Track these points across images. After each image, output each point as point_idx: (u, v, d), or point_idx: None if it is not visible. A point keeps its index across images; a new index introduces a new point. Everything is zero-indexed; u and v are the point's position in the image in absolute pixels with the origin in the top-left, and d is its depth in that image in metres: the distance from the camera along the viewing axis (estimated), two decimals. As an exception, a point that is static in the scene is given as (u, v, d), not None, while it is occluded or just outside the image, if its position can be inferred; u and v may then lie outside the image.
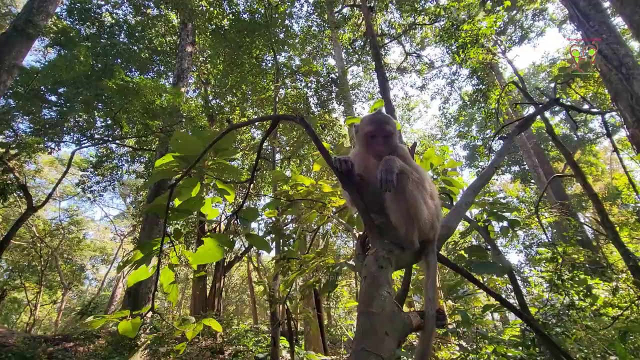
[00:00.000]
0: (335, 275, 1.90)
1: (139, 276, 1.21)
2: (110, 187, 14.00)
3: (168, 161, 1.15)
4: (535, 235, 14.36)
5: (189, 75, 13.35)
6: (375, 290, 0.71)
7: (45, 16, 10.31)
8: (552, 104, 2.57)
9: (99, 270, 27.70)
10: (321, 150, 0.92)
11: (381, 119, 1.16)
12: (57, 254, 19.57)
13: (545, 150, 18.12)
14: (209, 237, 1.20)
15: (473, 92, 8.97)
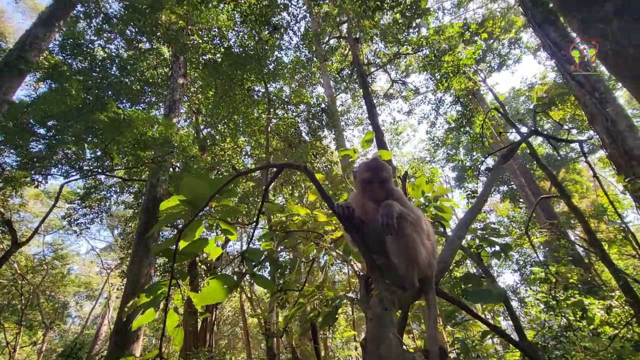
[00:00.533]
0: (335, 309, 1.91)
1: (143, 320, 1.21)
2: (98, 219, 13.72)
3: (174, 204, 1.19)
4: (528, 255, 14.47)
5: (181, 105, 13.55)
6: (382, 332, 0.75)
7: (38, 52, 10.47)
8: (531, 134, 2.73)
9: (83, 307, 26.49)
10: (324, 197, 0.98)
11: (377, 166, 1.22)
12: (39, 291, 18.74)
13: (531, 170, 18.62)
14: (214, 278, 1.23)
15: (457, 117, 9.35)
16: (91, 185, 13.16)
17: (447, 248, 1.33)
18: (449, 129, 16.88)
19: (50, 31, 10.43)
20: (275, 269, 3.38)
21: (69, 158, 11.55)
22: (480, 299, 1.67)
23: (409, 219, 1.07)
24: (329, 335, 14.86)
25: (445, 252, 1.30)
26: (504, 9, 17.02)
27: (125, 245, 14.69)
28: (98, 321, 24.01)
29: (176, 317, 1.26)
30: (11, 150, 11.08)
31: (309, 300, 2.22)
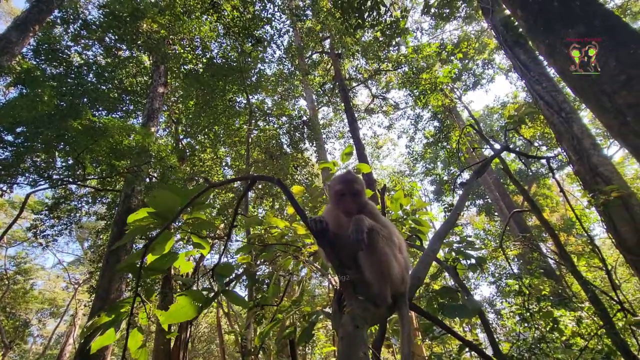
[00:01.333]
0: (311, 325, 1.86)
1: (104, 342, 1.13)
2: (67, 230, 13.02)
3: (142, 217, 1.14)
4: (503, 267, 14.84)
5: (160, 115, 13.27)
6: (352, 351, 0.73)
7: (10, 57, 10.05)
8: (502, 150, 2.83)
9: (47, 325, 24.85)
10: (297, 209, 0.97)
11: (350, 179, 1.22)
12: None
13: (505, 184, 19.32)
14: (182, 295, 1.17)
15: (435, 132, 9.63)
16: (61, 195, 12.55)
17: (421, 263, 1.33)
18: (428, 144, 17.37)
19: (24, 36, 10.06)
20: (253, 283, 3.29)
21: (37, 166, 10.99)
22: (456, 314, 1.67)
23: (381, 234, 1.07)
24: (308, 351, 14.54)
25: (419, 267, 1.30)
26: (478, 32, 17.91)
27: (96, 259, 13.95)
28: (62, 340, 22.55)
29: (140, 337, 1.19)
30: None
31: (286, 316, 2.17)
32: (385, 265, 1.01)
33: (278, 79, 13.98)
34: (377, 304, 0.99)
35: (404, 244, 1.21)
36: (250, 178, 1.02)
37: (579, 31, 4.49)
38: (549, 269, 10.86)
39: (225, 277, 1.22)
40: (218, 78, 8.72)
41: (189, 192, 1.09)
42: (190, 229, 1.23)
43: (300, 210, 0.99)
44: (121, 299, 1.14)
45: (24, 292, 19.77)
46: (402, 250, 1.16)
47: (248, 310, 4.17)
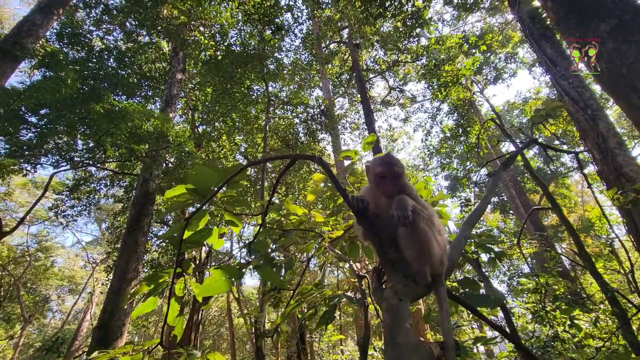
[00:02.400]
0: (333, 308, 1.90)
1: (145, 308, 1.19)
2: (86, 211, 13.44)
3: (180, 192, 1.17)
4: (516, 266, 14.64)
5: (178, 101, 13.43)
6: (399, 323, 0.75)
7: (35, 39, 10.31)
8: (531, 143, 2.78)
9: (65, 302, 25.88)
10: (339, 189, 0.98)
11: (390, 161, 1.23)
12: (20, 283, 18.26)
13: (522, 183, 18.92)
14: (217, 269, 1.21)
15: (454, 126, 9.47)
16: (81, 177, 12.93)
17: (454, 247, 1.34)
18: (444, 138, 17.08)
19: (48, 19, 10.28)
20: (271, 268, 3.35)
21: (60, 148, 11.34)
22: (479, 303, 1.68)
23: (422, 215, 1.08)
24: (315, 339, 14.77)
25: (452, 251, 1.31)
26: (501, 24, 17.35)
27: (113, 240, 14.41)
28: (80, 316, 23.50)
29: (177, 307, 1.24)
30: (0, 138, 10.85)
31: (306, 299, 2.21)
32: (425, 245, 1.02)
33: (295, 68, 13.92)
34: (416, 282, 1.01)
35: (443, 227, 1.22)
36: (291, 157, 1.04)
37: (610, 25, 4.32)
38: (564, 270, 10.67)
39: (260, 253, 1.26)
40: (237, 65, 8.75)
41: (227, 170, 1.12)
42: (224, 206, 1.27)
43: (340, 187, 1.01)
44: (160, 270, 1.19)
45: (45, 268, 20.59)
46: (441, 232, 1.17)
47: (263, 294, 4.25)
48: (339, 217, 3.11)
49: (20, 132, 10.92)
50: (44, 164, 11.44)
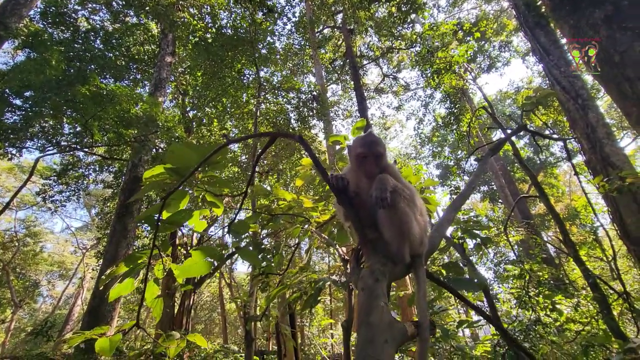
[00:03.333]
0: (317, 291, 1.90)
1: (122, 290, 1.17)
2: (75, 197, 13.22)
3: (158, 172, 1.14)
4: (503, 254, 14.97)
5: (167, 85, 13.13)
6: (373, 302, 0.75)
7: (18, 18, 9.91)
8: (520, 129, 2.78)
9: (56, 287, 25.75)
10: (318, 167, 0.96)
11: (372, 141, 1.21)
12: (9, 268, 18.07)
13: (511, 172, 19.16)
14: (197, 250, 1.19)
15: (446, 115, 9.46)
16: (69, 162, 12.67)
17: (436, 230, 1.34)
18: (436, 127, 17.11)
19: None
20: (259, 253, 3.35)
21: (45, 132, 11.05)
22: (462, 286, 1.70)
23: (404, 194, 1.07)
24: (306, 323, 15.03)
25: (433, 234, 1.30)
26: (497, 12, 17.21)
27: (103, 225, 14.27)
28: (71, 301, 23.43)
29: (156, 288, 1.22)
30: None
31: (292, 281, 2.22)
32: (405, 225, 1.01)
33: (288, 53, 13.67)
34: (395, 262, 1.00)
35: (424, 208, 1.21)
36: (271, 135, 1.01)
37: (606, 11, 4.29)
38: (548, 257, 10.94)
39: (240, 234, 1.24)
40: (227, 49, 8.54)
41: (206, 149, 1.09)
42: (205, 187, 1.24)
43: (320, 166, 0.99)
44: (138, 250, 1.17)
45: (34, 254, 20.37)
46: (422, 213, 1.16)
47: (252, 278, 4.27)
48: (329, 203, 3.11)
49: (4, 115, 10.59)
50: (29, 148, 11.17)
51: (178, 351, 1.39)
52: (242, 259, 1.23)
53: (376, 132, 23.44)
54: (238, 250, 1.26)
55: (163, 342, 1.40)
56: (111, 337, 1.12)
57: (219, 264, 11.86)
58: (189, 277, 1.22)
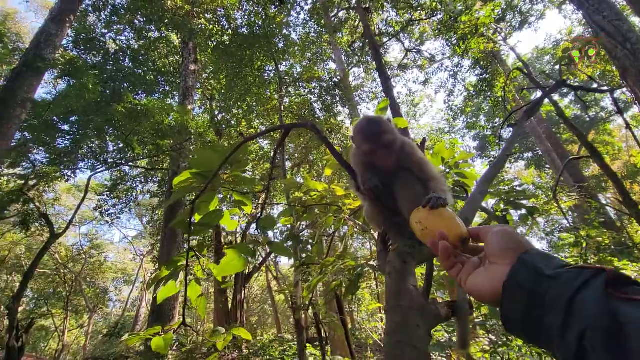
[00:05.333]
0: (357, 277, 1.90)
1: (167, 292, 1.25)
2: (127, 208, 14.29)
3: (186, 178, 1.19)
4: (556, 222, 14.02)
5: (194, 92, 13.62)
6: (402, 285, 0.72)
7: (53, 49, 10.68)
8: (559, 86, 2.54)
9: (122, 292, 28.17)
10: (338, 159, 0.94)
11: (374, 132, 1.05)
12: (81, 278, 20.05)
13: (558, 134, 17.74)
14: (230, 249, 1.23)
15: (477, 82, 8.87)
16: (117, 177, 13.65)
17: (469, 203, 1.26)
18: (469, 96, 16.20)
19: (62, 27, 10.57)
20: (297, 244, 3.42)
21: (93, 152, 11.99)
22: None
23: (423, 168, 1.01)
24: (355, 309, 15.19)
25: (466, 208, 1.23)
26: (524, -39, 15.72)
27: (155, 232, 15.34)
28: (137, 304, 25.55)
29: (198, 288, 1.29)
30: (40, 148, 11.61)
31: (331, 271, 2.24)
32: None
33: (305, 43, 13.56)
34: (421, 243, 0.95)
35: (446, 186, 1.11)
36: (284, 127, 1.00)
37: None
38: (608, 221, 10.06)
39: (268, 229, 1.26)
40: (245, 48, 8.65)
41: (226, 150, 1.11)
42: (232, 187, 1.27)
43: (339, 156, 0.97)
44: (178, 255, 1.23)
45: (100, 264, 22.39)
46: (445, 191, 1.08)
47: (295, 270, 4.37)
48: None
49: (56, 141, 11.63)
50: (81, 168, 12.17)
51: (225, 345, 1.47)
52: (274, 253, 1.25)
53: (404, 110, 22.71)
54: (270, 245, 1.29)
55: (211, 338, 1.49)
56: (164, 336, 1.21)
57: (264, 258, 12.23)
58: (227, 275, 1.27)
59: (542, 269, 0.49)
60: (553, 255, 0.54)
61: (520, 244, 0.56)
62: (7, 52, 15.06)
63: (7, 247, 18.64)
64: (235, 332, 1.52)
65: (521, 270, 0.51)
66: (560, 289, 0.46)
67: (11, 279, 20.56)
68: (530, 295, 0.48)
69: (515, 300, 0.50)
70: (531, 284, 0.49)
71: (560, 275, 0.47)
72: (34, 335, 22.25)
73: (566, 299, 0.44)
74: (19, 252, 19.51)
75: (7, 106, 9.26)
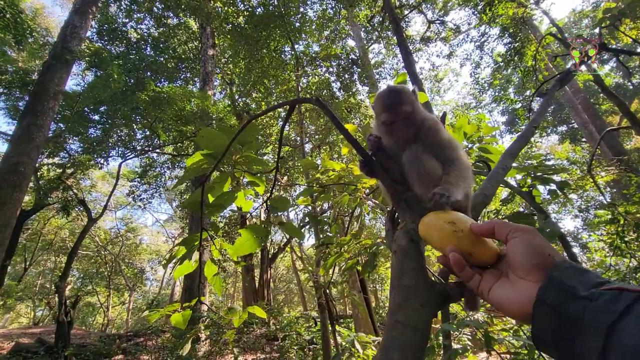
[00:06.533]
0: (373, 256, 1.89)
1: (183, 270, 1.29)
2: (157, 193, 14.95)
3: (198, 160, 1.20)
4: (592, 198, 13.28)
5: (214, 77, 13.73)
6: (406, 263, 0.69)
7: (79, 41, 11.00)
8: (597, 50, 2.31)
9: (157, 272, 29.91)
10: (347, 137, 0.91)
11: (395, 102, 1.00)
12: (120, 259, 21.44)
13: (596, 104, 16.50)
14: (245, 229, 1.25)
15: (506, 52, 8.30)
16: (146, 164, 14.19)
17: (489, 180, 1.18)
18: (497, 68, 15.30)
19: (85, 19, 10.82)
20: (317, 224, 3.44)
21: (123, 140, 12.51)
22: (531, 238, 1.53)
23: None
24: (379, 288, 15.35)
25: (486, 184, 1.16)
26: None
27: (184, 216, 16.01)
28: (172, 282, 27.08)
29: (214, 267, 1.32)
30: (74, 137, 12.24)
31: (348, 250, 2.24)
32: (435, 178, 0.90)
33: (322, 21, 13.18)
34: None
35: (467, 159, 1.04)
36: (290, 103, 0.97)
37: None
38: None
39: (279, 210, 1.26)
40: (261, 29, 8.52)
41: (235, 130, 1.10)
42: (243, 167, 1.27)
43: (347, 132, 0.93)
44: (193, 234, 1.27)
45: (135, 246, 23.79)
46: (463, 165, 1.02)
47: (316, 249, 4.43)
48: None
49: (89, 131, 12.20)
50: (113, 156, 12.76)
51: (241, 322, 1.52)
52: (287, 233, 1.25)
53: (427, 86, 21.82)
54: (281, 225, 1.30)
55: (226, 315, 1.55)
56: (182, 312, 1.26)
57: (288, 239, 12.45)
58: (241, 254, 1.29)
59: (577, 289, 0.46)
60: (585, 269, 0.51)
61: (549, 258, 0.52)
62: (38, 46, 15.68)
63: (53, 231, 20.11)
64: (251, 310, 1.57)
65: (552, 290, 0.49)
66: (599, 312, 0.43)
67: (59, 260, 22.30)
68: (562, 316, 0.46)
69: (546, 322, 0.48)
70: (563, 305, 0.47)
71: (597, 297, 0.44)
72: (82, 310, 24.26)
73: (607, 325, 0.41)
74: (64, 235, 21.02)
75: (41, 99, 9.73)
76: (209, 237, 1.26)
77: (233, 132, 1.10)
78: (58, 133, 11.75)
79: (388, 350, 0.52)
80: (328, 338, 4.08)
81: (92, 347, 8.53)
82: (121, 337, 10.23)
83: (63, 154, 12.05)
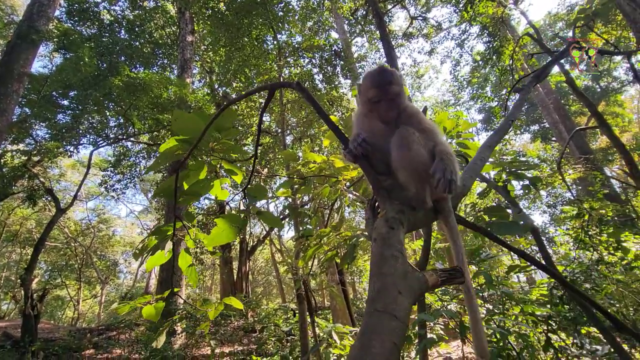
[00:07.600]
0: (352, 247, 1.89)
1: (155, 261, 1.24)
2: (131, 184, 14.39)
3: (172, 145, 1.14)
4: (559, 195, 13.96)
5: (193, 65, 13.28)
6: (386, 251, 0.68)
7: (46, 20, 10.34)
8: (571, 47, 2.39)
9: (131, 264, 29.05)
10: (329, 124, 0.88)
11: (385, 80, 1.02)
12: (91, 251, 20.64)
13: (566, 105, 17.27)
14: (221, 218, 1.21)
15: (485, 50, 8.49)
16: (120, 153, 13.63)
17: (467, 171, 1.20)
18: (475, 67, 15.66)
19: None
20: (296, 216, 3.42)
21: (94, 127, 11.90)
22: (505, 230, 1.57)
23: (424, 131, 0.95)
24: (357, 280, 15.59)
25: (465, 175, 1.17)
26: None
27: (160, 207, 15.54)
28: (146, 275, 26.37)
29: (189, 258, 1.28)
30: (41, 123, 11.53)
31: (327, 241, 2.23)
32: (423, 165, 0.90)
33: (305, 11, 13.00)
34: (413, 207, 0.92)
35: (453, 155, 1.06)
36: (268, 87, 0.94)
37: None
38: (612, 194, 9.96)
39: (257, 198, 1.23)
40: (242, 16, 8.28)
41: (211, 115, 1.05)
42: (220, 155, 1.22)
43: (329, 120, 0.91)
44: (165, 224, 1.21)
45: (108, 237, 22.93)
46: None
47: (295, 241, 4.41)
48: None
49: (57, 117, 11.51)
50: (84, 144, 12.14)
51: (217, 314, 1.49)
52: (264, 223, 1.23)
53: (409, 82, 22.11)
54: (259, 215, 1.27)
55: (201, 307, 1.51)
56: (155, 305, 1.21)
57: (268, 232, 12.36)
58: (217, 244, 1.25)
59: None
60: None
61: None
62: (2, 25, 14.61)
63: (18, 221, 19.07)
64: (227, 301, 1.54)
65: None
66: None
67: (24, 252, 21.22)
68: None
69: None
70: None
71: None
72: (51, 304, 23.26)
73: None
74: (30, 226, 19.98)
75: (4, 81, 9.10)
76: (184, 227, 1.22)
77: (209, 117, 1.05)
78: (23, 118, 11.05)
79: (366, 336, 0.51)
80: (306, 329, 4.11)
81: (61, 342, 8.21)
82: (92, 331, 9.89)
83: (29, 140, 11.36)
